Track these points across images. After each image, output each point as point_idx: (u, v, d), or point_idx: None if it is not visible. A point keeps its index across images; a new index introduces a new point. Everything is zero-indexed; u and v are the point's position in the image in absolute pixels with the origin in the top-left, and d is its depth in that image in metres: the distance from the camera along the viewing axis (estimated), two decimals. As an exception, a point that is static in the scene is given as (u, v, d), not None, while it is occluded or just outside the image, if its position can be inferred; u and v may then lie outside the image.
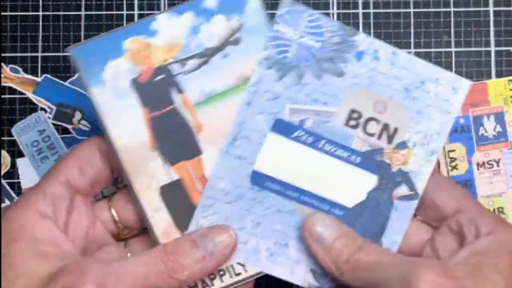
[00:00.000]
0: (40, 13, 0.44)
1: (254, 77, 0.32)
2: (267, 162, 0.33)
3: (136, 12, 0.44)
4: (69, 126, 0.43)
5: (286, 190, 0.33)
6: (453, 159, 0.42)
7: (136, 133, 0.32)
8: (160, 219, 0.33)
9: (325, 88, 0.33)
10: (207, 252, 0.31)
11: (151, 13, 0.43)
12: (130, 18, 0.44)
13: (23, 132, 0.43)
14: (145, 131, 0.32)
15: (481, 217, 0.32)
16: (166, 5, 0.43)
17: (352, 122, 0.33)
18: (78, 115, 0.43)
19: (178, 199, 0.33)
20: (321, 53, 0.33)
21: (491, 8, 0.44)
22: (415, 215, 0.34)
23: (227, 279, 0.33)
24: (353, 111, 0.33)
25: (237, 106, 0.33)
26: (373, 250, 0.31)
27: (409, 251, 0.34)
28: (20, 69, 0.44)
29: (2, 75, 0.43)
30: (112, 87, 0.32)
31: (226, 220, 0.33)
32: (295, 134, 0.33)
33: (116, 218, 0.34)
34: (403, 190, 0.33)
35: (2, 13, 0.43)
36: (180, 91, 0.32)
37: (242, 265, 0.33)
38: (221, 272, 0.33)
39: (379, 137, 0.33)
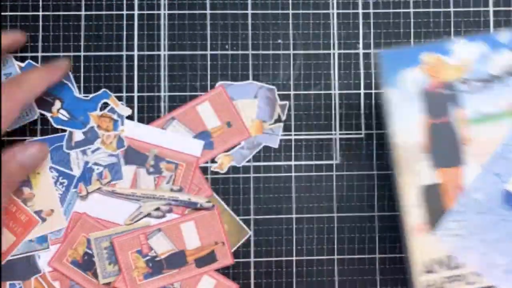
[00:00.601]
0: (40, 13, 0.43)
1: (526, 108, 0.37)
2: (520, 185, 0.36)
3: (136, 12, 0.43)
4: (48, 114, 0.42)
5: (531, 215, 0.36)
6: None
7: (413, 134, 0.36)
8: (415, 215, 0.36)
9: None
10: None
11: (151, 13, 0.43)
12: (130, 18, 0.43)
13: None
14: (420, 134, 0.36)
15: None
16: (166, 5, 0.43)
17: None
18: (57, 104, 0.42)
19: (433, 200, 0.37)
20: None
21: (491, 8, 0.44)
22: None
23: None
24: None
25: (506, 129, 0.36)
26: None
27: None
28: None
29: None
30: (403, 90, 0.36)
31: (473, 228, 0.36)
32: (551, 166, 0.36)
33: None
34: None
35: (2, 13, 0.43)
36: (459, 106, 0.37)
37: (477, 275, 0.36)
38: (459, 277, 0.36)
39: None
